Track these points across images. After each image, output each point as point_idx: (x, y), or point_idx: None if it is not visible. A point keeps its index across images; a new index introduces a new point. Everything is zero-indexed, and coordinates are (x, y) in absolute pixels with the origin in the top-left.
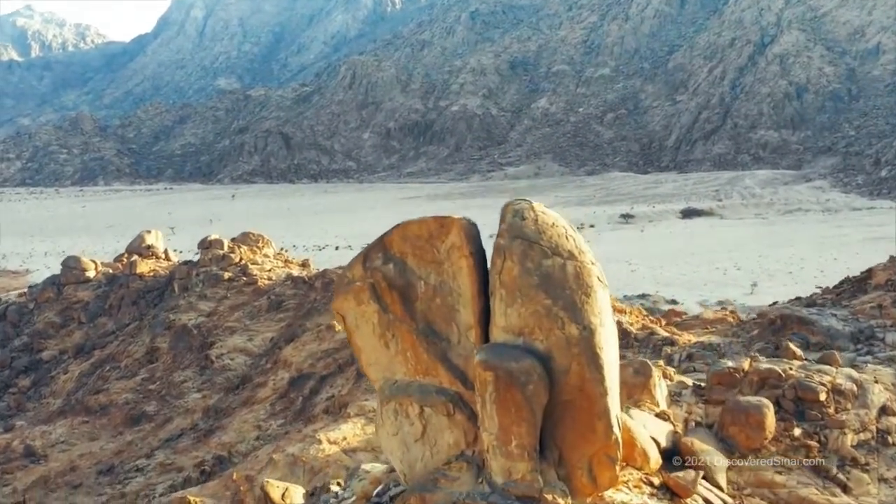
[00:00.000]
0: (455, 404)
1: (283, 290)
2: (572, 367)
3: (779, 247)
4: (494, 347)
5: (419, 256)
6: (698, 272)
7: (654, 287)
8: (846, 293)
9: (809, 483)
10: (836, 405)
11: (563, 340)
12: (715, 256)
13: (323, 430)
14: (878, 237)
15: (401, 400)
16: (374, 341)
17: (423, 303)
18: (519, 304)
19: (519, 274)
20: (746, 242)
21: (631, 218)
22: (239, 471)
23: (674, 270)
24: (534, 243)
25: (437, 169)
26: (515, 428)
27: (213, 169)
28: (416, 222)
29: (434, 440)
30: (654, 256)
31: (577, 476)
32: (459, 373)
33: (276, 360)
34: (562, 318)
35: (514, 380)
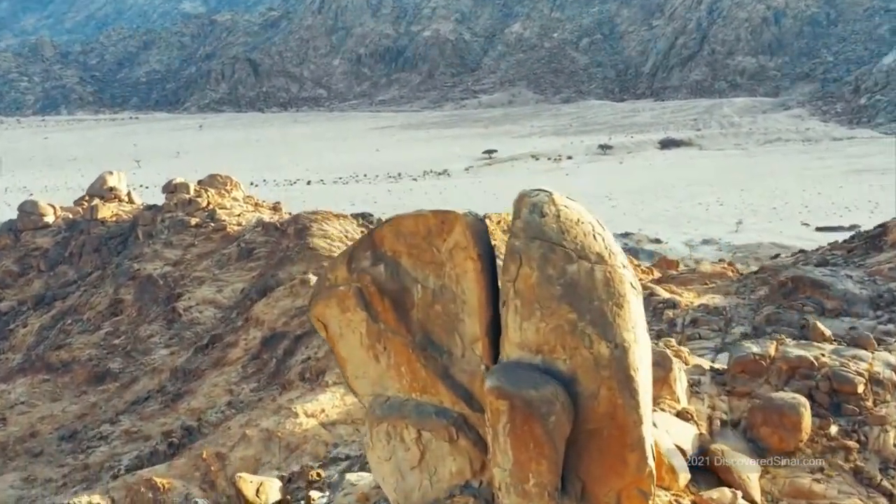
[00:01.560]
0: (458, 428)
1: (253, 237)
2: (601, 392)
3: (761, 180)
4: (508, 369)
5: (416, 256)
6: (681, 208)
7: (636, 224)
8: (858, 250)
9: (852, 492)
10: (874, 397)
11: (590, 361)
12: (697, 190)
13: (299, 401)
14: (861, 169)
15: (394, 422)
16: (362, 353)
17: (421, 310)
18: (538, 317)
19: (538, 282)
20: (728, 175)
21: (609, 149)
22: (209, 447)
23: (656, 206)
24: (556, 245)
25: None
26: (534, 465)
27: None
28: (411, 217)
29: (434, 468)
30: (635, 190)
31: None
32: (463, 391)
33: (247, 318)
34: (589, 335)
35: (534, 410)
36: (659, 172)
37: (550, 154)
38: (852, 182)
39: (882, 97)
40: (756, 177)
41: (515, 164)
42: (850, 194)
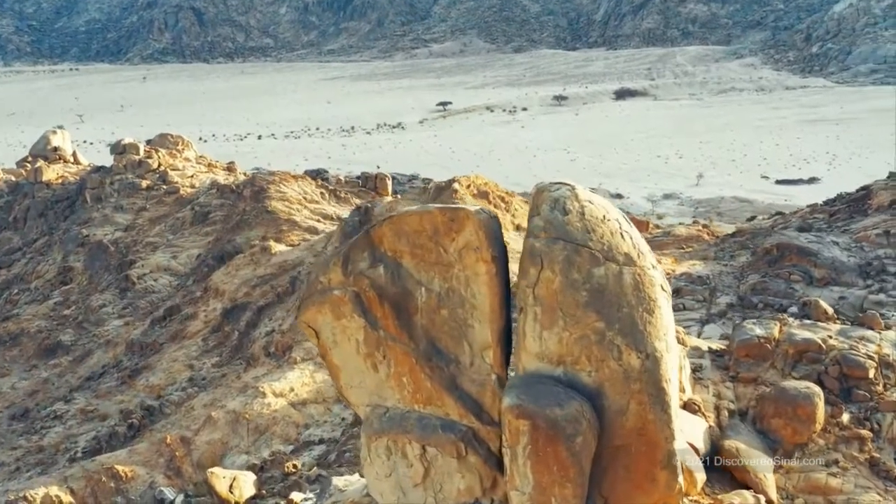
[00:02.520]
0: (467, 443)
1: (208, 200)
2: (630, 407)
3: (718, 131)
4: (528, 384)
5: (419, 257)
6: (640, 161)
7: (596, 178)
8: (841, 214)
9: (869, 486)
10: (884, 381)
11: (619, 374)
12: (655, 143)
13: (266, 379)
14: (816, 119)
15: (396, 437)
16: (358, 362)
17: (425, 315)
18: (560, 326)
19: (561, 288)
20: (685, 127)
21: (564, 100)
22: (172, 431)
23: (614, 159)
24: (581, 247)
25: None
26: (557, 489)
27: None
28: (415, 214)
29: (439, 485)
30: (592, 143)
31: None
32: (472, 403)
33: (206, 288)
34: (618, 345)
35: (559, 431)
36: (616, 124)
37: (505, 105)
38: (808, 133)
39: (833, 45)
40: (713, 129)
41: (470, 117)
42: (807, 145)
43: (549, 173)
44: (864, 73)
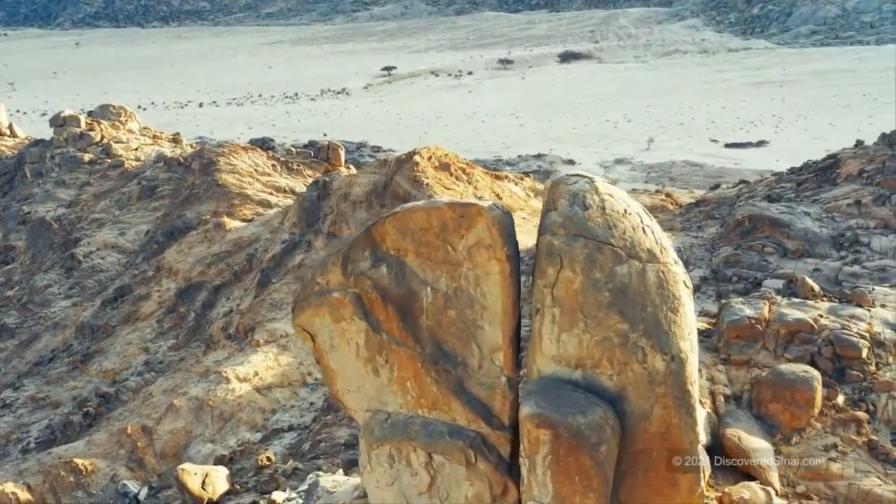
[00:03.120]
0: (476, 450)
1: (155, 174)
2: (654, 411)
3: (665, 94)
4: (547, 390)
5: (425, 255)
6: (589, 125)
7: (546, 144)
8: (809, 183)
9: (869, 470)
10: (876, 360)
11: (643, 377)
12: (603, 107)
13: (229, 364)
14: (760, 82)
15: (399, 444)
16: (358, 366)
17: (431, 317)
18: (581, 328)
19: (582, 288)
20: (631, 90)
21: (509, 63)
22: (132, 420)
23: (563, 124)
24: (603, 244)
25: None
26: (579, 499)
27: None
28: (421, 210)
29: (446, 493)
30: (540, 107)
31: None
32: (481, 407)
33: (158, 267)
34: (643, 347)
35: (582, 440)
36: (562, 88)
37: (450, 70)
38: (754, 95)
39: (774, 7)
40: (660, 92)
41: (416, 82)
42: (753, 108)
43: (498, 139)
44: (805, 35)
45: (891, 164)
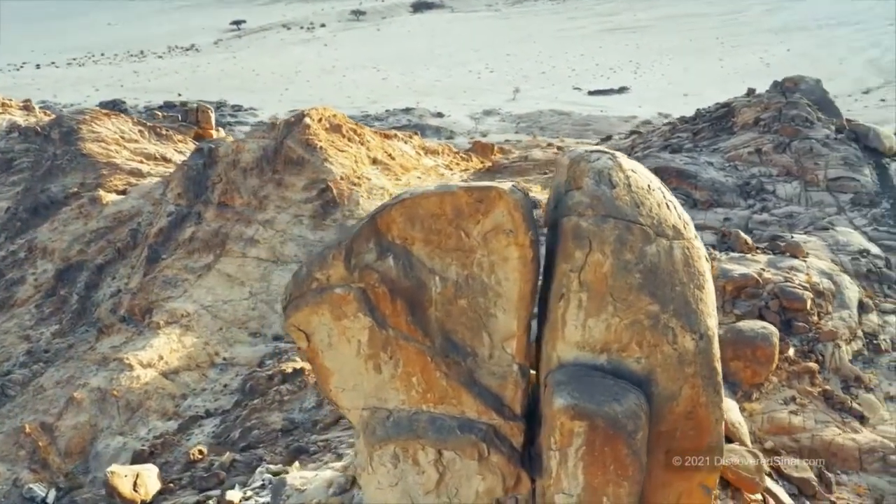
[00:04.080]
0: (489, 443)
1: (9, 145)
2: (683, 391)
3: (522, 43)
4: (576, 378)
5: (435, 243)
6: (452, 77)
7: (413, 97)
8: (705, 132)
9: (828, 420)
10: (818, 310)
11: (673, 358)
12: (463, 57)
13: (129, 349)
14: (614, 28)
15: (406, 443)
16: (358, 364)
17: (440, 307)
18: (610, 312)
19: (613, 271)
20: (489, 40)
21: (362, 14)
22: (29, 417)
23: (427, 76)
24: (632, 223)
25: None
26: (612, 488)
27: None
28: (434, 196)
29: (455, 490)
30: (401, 59)
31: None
32: (492, 398)
33: (31, 247)
34: (673, 327)
35: (619, 430)
36: (420, 39)
37: (302, 23)
38: (609, 42)
39: None
40: (517, 41)
41: (268, 36)
42: (610, 55)
43: (362, 94)
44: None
45: (787, 112)
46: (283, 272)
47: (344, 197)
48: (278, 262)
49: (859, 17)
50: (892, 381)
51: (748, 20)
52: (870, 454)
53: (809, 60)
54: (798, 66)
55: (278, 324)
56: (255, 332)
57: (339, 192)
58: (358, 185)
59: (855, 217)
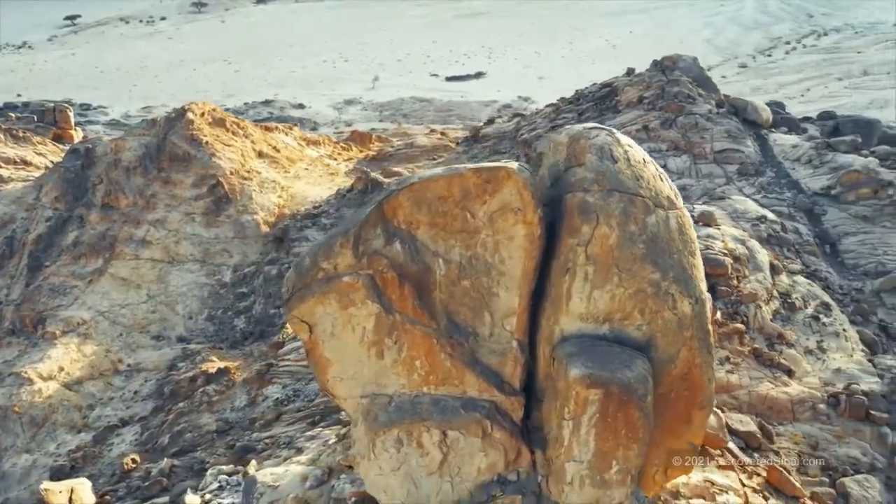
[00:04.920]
0: (492, 420)
1: None
2: (681, 354)
3: (374, 32)
4: (585, 349)
5: (440, 226)
6: (307, 68)
7: (270, 90)
8: (590, 111)
9: (761, 376)
10: (737, 274)
11: (673, 323)
12: (315, 48)
13: (25, 362)
14: (461, 14)
15: (410, 427)
16: (360, 352)
17: (444, 289)
18: (615, 283)
19: (618, 243)
20: (339, 28)
21: (204, 6)
22: None
23: (281, 68)
24: (635, 196)
25: None
26: (622, 451)
27: None
28: (441, 179)
29: (457, 469)
30: (252, 51)
31: (649, 474)
32: (493, 375)
33: None
34: (673, 293)
35: (632, 394)
36: (267, 30)
37: (140, 16)
38: (458, 28)
39: None
40: (367, 29)
41: (106, 31)
42: (462, 41)
43: (216, 87)
44: None
45: (669, 89)
46: (179, 272)
47: (236, 192)
48: (174, 262)
49: None
50: (808, 336)
51: (590, 5)
52: (800, 405)
53: (653, 40)
54: (643, 46)
55: (181, 325)
56: (158, 335)
57: (230, 187)
58: (249, 179)
59: (744, 186)
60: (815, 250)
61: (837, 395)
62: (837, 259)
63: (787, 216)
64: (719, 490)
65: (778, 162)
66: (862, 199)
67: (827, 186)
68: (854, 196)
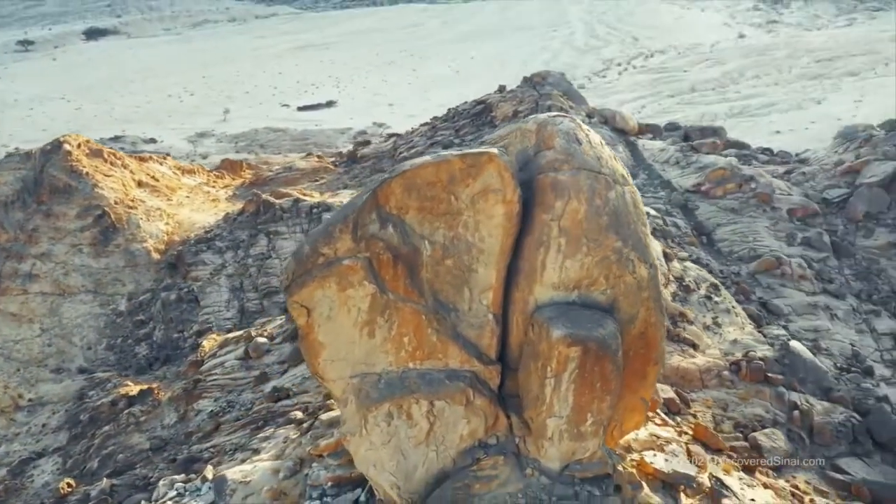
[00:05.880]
0: (474, 388)
1: None
2: (640, 314)
3: (217, 65)
4: (562, 313)
5: (427, 210)
6: (152, 102)
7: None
8: (468, 127)
9: (672, 350)
10: None
11: (633, 286)
12: (157, 82)
13: None
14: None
15: (400, 400)
16: (353, 332)
17: (429, 269)
18: (584, 252)
19: (587, 216)
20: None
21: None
22: None
23: (124, 103)
24: (598, 174)
25: None
26: (596, 404)
27: None
28: (430, 165)
29: (442, 437)
30: (90, 88)
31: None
32: (472, 347)
33: None
34: (633, 259)
35: (607, 350)
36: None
37: None
38: (304, 59)
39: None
40: (210, 63)
41: None
42: (308, 71)
43: (59, 125)
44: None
45: (543, 103)
46: (72, 304)
47: (122, 221)
48: (65, 294)
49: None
50: (704, 314)
51: (427, 33)
52: (707, 373)
53: (495, 65)
54: (486, 70)
55: (81, 356)
56: (57, 368)
57: (116, 216)
58: (134, 207)
59: None
60: (695, 241)
61: (738, 363)
62: (714, 248)
63: (665, 212)
64: (665, 442)
65: (649, 165)
66: (729, 193)
67: (696, 184)
68: (721, 191)
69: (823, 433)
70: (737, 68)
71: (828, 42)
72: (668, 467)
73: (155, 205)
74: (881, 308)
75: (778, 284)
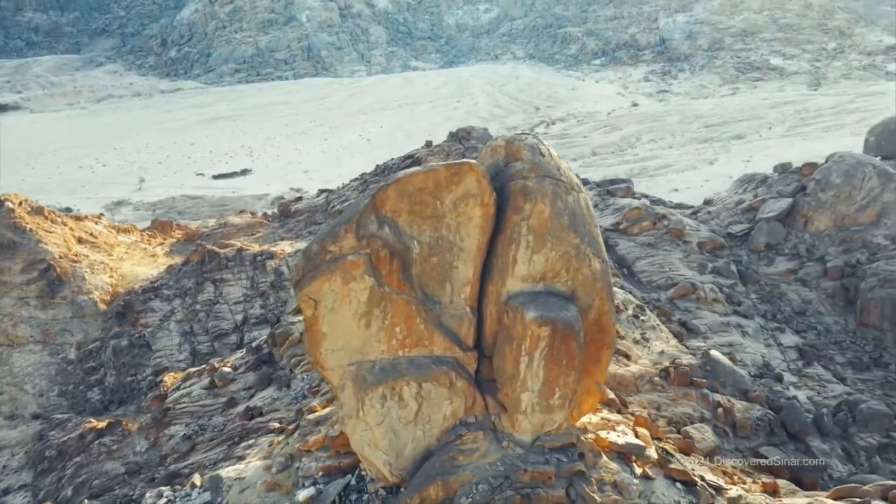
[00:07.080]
0: (456, 372)
1: None
2: (594, 303)
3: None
4: (532, 300)
5: (416, 213)
6: (64, 174)
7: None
8: None
9: None
10: None
11: (589, 277)
12: (67, 155)
13: None
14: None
15: (393, 383)
16: (351, 323)
17: (418, 266)
18: (548, 247)
19: (550, 216)
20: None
21: None
22: None
23: (35, 174)
24: (559, 181)
25: None
26: (563, 379)
27: None
28: (421, 173)
29: (428, 417)
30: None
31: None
32: (453, 336)
33: None
34: (589, 254)
35: (570, 329)
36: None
37: None
38: (213, 130)
39: (191, 49)
40: (119, 135)
41: None
42: (220, 142)
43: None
44: (229, 73)
45: (469, 156)
46: (21, 353)
47: (68, 274)
48: (14, 344)
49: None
50: (633, 330)
51: (334, 105)
52: (641, 379)
53: (402, 133)
54: (395, 138)
55: (34, 403)
56: (11, 414)
57: (62, 269)
58: (78, 261)
59: None
60: (617, 273)
61: (667, 369)
62: (635, 278)
63: None
64: (615, 423)
65: None
66: (644, 230)
67: (615, 223)
68: (638, 228)
69: (745, 427)
70: (633, 133)
71: (715, 109)
72: (622, 440)
73: (98, 259)
74: (784, 325)
75: (694, 307)
